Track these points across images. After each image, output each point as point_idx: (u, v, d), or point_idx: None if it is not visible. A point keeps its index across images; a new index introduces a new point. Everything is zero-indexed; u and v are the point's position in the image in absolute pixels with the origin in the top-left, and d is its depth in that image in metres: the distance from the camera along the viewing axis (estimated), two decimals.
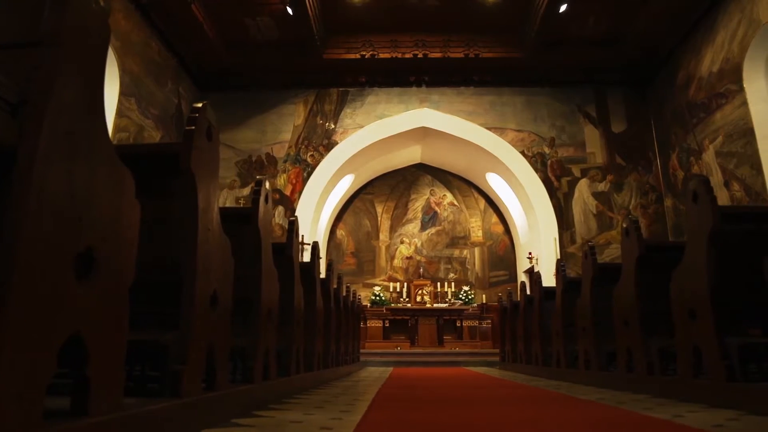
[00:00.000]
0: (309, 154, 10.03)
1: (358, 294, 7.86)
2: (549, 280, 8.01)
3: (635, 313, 3.06)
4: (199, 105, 1.64)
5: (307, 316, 3.33)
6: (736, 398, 2.16)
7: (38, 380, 0.88)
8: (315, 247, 3.80)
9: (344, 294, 5.56)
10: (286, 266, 2.88)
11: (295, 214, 9.41)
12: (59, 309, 0.94)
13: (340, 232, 11.63)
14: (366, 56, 9.65)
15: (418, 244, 11.66)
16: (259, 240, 2.28)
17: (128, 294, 1.17)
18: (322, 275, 4.23)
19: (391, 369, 6.88)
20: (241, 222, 2.32)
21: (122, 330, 1.14)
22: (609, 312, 3.61)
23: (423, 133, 10.43)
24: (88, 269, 1.04)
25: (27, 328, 0.86)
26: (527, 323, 5.58)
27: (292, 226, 3.00)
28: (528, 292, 5.85)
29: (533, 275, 5.45)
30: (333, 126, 10.17)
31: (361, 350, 8.02)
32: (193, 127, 1.58)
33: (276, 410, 2.13)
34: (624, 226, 3.23)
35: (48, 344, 0.91)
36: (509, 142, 9.94)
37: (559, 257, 9.25)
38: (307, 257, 5.45)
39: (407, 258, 11.57)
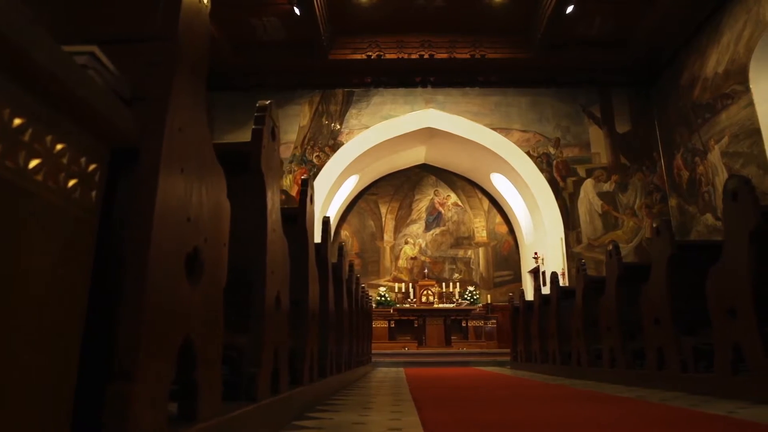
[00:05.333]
0: (315, 154, 10.00)
1: (369, 294, 7.84)
2: None
3: (668, 311, 3.07)
4: (265, 104, 1.62)
5: (336, 317, 3.31)
6: None
7: (164, 386, 0.86)
8: (341, 248, 3.78)
9: (359, 294, 5.54)
10: (322, 267, 2.86)
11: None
12: (178, 313, 0.92)
13: (345, 233, 11.61)
14: (372, 57, 9.64)
15: (423, 245, 11.67)
16: (306, 241, 2.26)
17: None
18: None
19: (402, 369, 6.87)
20: (285, 222, 2.30)
21: (221, 332, 1.12)
22: (633, 311, 3.64)
23: (428, 134, 10.44)
24: (194, 271, 1.02)
25: (156, 333, 0.84)
26: (543, 322, 5.59)
27: (326, 226, 2.98)
28: (543, 292, 5.87)
29: (551, 275, 5.46)
30: (339, 127, 10.14)
31: None
32: (262, 127, 1.56)
33: (326, 411, 2.11)
34: (655, 225, 3.25)
35: (171, 349, 0.89)
36: (515, 143, 9.98)
37: (565, 257, 9.31)
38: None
39: (412, 258, 11.57)
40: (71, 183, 0.77)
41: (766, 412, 1.96)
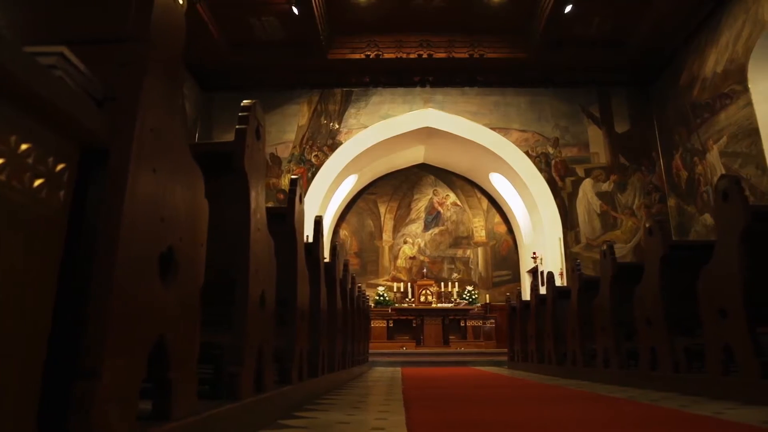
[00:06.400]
0: (313, 154, 10.01)
1: (366, 293, 7.85)
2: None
3: (660, 311, 3.07)
4: (249, 103, 1.62)
5: (329, 316, 3.32)
6: None
7: (134, 384, 0.87)
8: (335, 247, 3.78)
9: (356, 294, 5.54)
10: (313, 267, 2.86)
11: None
12: (149, 312, 0.92)
13: (344, 233, 11.61)
14: (371, 56, 9.64)
15: (422, 244, 11.67)
16: (294, 240, 2.26)
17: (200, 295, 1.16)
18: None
19: (399, 369, 6.87)
20: (274, 221, 2.30)
21: (197, 332, 1.13)
22: (627, 311, 3.63)
23: (427, 134, 10.44)
24: (169, 270, 1.02)
25: (124, 332, 0.84)
26: (539, 322, 5.59)
27: (318, 226, 2.98)
28: (539, 292, 5.87)
29: (546, 275, 5.46)
30: (337, 126, 10.15)
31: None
32: (245, 126, 1.56)
33: (314, 411, 2.12)
34: (648, 225, 3.25)
35: (141, 348, 0.89)
36: (513, 142, 9.97)
37: (563, 257, 9.30)
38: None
39: (411, 258, 11.57)
40: (37, 183, 0.77)
41: (753, 413, 1.96)
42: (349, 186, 11.07)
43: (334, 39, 9.52)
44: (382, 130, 10.15)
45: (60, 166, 0.82)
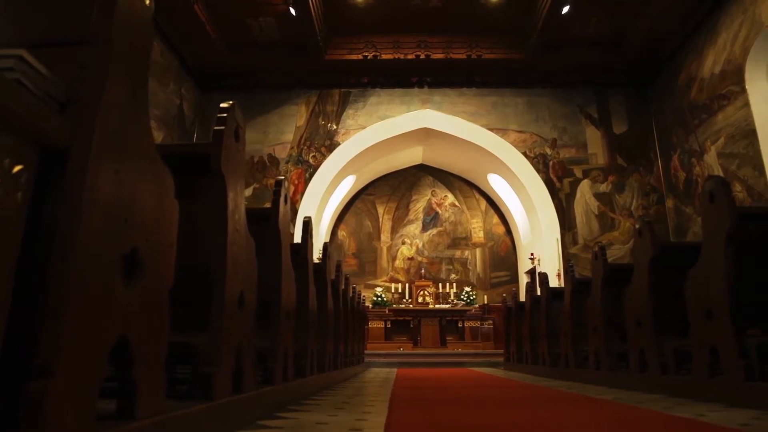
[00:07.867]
0: (311, 155, 10.02)
1: (363, 295, 7.85)
2: (550, 280, 8.00)
3: (648, 313, 3.06)
4: (228, 105, 1.63)
5: (319, 317, 3.32)
6: (755, 398, 2.17)
7: (92, 384, 0.87)
8: (326, 247, 3.79)
9: (350, 295, 5.55)
10: (301, 267, 2.87)
11: (297, 214, 9.41)
12: (109, 312, 0.93)
13: (342, 233, 11.62)
14: (368, 57, 9.65)
15: (420, 245, 11.67)
16: (278, 241, 2.27)
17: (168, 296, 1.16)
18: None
19: (395, 370, 6.87)
20: (259, 222, 2.31)
21: (164, 332, 1.13)
22: (619, 312, 3.62)
23: (425, 134, 10.44)
24: (133, 271, 1.03)
25: (81, 332, 0.85)
26: (534, 324, 5.58)
27: (307, 227, 2.99)
28: (534, 293, 5.86)
29: (540, 276, 5.46)
30: (335, 127, 10.16)
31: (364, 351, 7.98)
32: (223, 128, 1.57)
33: (297, 411, 2.12)
34: (637, 226, 3.24)
35: (100, 347, 0.90)
36: (511, 143, 9.97)
37: (561, 258, 9.28)
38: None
39: (409, 259, 11.57)
40: None
41: (735, 416, 1.95)
42: (347, 187, 11.08)
43: (331, 40, 9.54)
44: (380, 130, 10.15)
45: (17, 168, 0.83)
